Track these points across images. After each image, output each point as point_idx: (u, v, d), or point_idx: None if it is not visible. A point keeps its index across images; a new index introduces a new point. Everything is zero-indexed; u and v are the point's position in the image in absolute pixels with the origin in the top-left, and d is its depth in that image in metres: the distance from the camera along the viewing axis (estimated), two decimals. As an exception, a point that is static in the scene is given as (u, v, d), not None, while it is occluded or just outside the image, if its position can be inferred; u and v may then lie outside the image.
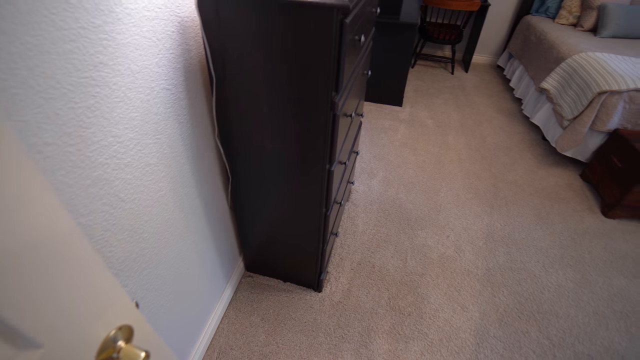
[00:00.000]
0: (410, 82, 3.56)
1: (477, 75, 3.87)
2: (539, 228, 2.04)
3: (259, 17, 0.79)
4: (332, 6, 0.73)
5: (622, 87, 2.12)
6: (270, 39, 0.82)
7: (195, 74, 0.98)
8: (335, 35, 0.78)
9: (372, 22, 1.33)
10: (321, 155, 1.02)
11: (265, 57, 0.86)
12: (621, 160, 2.13)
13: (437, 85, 3.55)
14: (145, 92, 0.78)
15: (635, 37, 3.06)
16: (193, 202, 1.10)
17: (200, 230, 1.18)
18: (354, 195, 2.13)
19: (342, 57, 0.83)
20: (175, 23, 0.84)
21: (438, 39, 3.49)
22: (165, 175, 0.92)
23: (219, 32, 0.85)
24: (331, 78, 0.84)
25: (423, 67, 3.95)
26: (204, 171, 1.13)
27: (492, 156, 2.59)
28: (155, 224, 0.91)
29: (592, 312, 1.65)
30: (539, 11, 3.62)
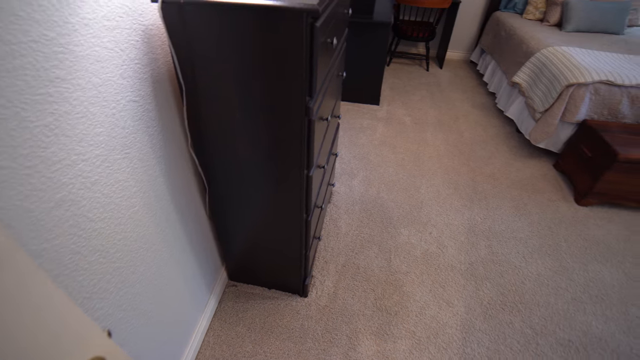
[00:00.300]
0: (386, 80, 3.59)
1: (452, 71, 3.94)
2: (518, 219, 2.09)
3: (226, 23, 0.77)
4: (301, 10, 0.72)
5: (587, 79, 2.19)
6: (239, 45, 0.80)
7: (163, 83, 0.95)
8: (306, 40, 0.77)
9: (344, 24, 1.33)
10: (298, 161, 1.00)
11: (236, 64, 0.84)
12: (590, 150, 2.21)
13: (413, 83, 3.59)
14: (111, 106, 0.75)
15: (596, 31, 3.18)
16: (169, 216, 1.06)
17: (179, 243, 1.15)
18: (335, 197, 2.13)
19: (314, 61, 0.82)
20: (139, 32, 0.81)
21: (412, 37, 3.53)
22: (137, 190, 0.89)
23: (186, 39, 0.82)
24: (304, 83, 0.83)
25: (398, 64, 3.98)
26: (179, 183, 1.10)
27: (470, 151, 2.63)
28: (129, 242, 0.87)
29: (571, 298, 1.69)
30: (507, 7, 3.72)
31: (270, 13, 0.73)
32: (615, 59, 2.48)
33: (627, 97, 2.23)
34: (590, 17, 3.13)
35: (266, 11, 0.73)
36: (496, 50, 3.44)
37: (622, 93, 2.22)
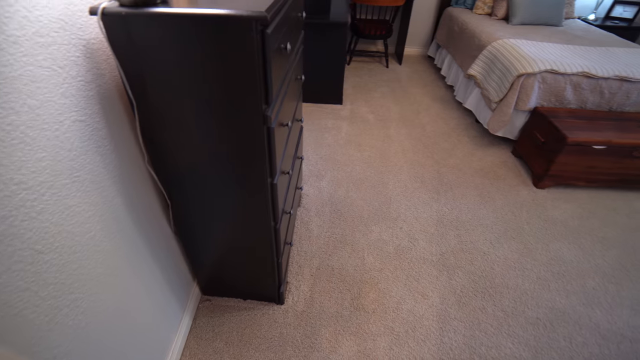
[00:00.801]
0: (348, 79, 3.62)
1: (411, 67, 4.03)
2: (483, 207, 2.17)
3: (174, 35, 0.74)
4: (250, 18, 0.70)
5: (535, 69, 2.31)
6: (189, 57, 0.77)
7: (112, 100, 0.90)
8: (258, 47, 0.75)
9: (299, 27, 1.32)
10: (261, 170, 0.98)
11: (188, 76, 0.81)
12: (543, 135, 2.33)
13: (374, 80, 3.64)
14: (53, 128, 0.70)
15: (538, 23, 3.37)
16: (131, 237, 1.01)
17: (144, 264, 1.10)
18: (304, 200, 2.12)
19: (268, 69, 0.80)
20: (79, 47, 0.76)
21: (370, 35, 3.58)
22: (92, 214, 0.84)
23: (132, 53, 0.78)
24: (259, 91, 0.81)
25: (359, 63, 4.03)
26: (139, 201, 1.05)
27: (433, 143, 2.71)
28: (87, 270, 0.82)
29: (536, 277, 1.78)
30: (458, 3, 3.85)
31: (218, 23, 0.71)
32: (557, 49, 2.64)
33: (570, 84, 2.38)
34: (532, 11, 3.31)
35: (214, 21, 0.71)
36: (451, 45, 3.56)
37: (565, 81, 2.36)
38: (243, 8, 0.72)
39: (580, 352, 1.49)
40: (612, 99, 2.45)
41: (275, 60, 0.88)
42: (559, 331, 1.56)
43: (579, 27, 3.41)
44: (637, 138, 2.17)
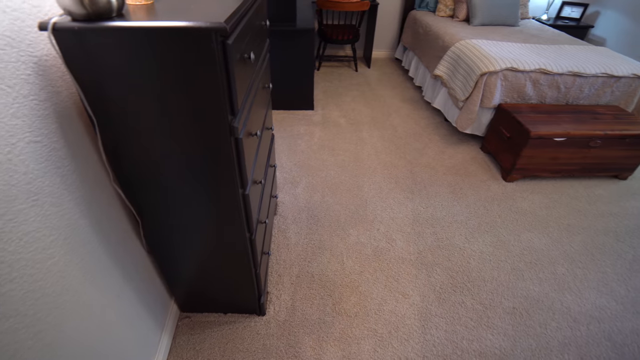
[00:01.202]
0: (318, 84, 3.64)
1: (379, 70, 4.10)
2: (456, 203, 2.22)
3: (132, 49, 0.72)
4: (209, 29, 0.69)
5: (496, 67, 2.40)
6: (150, 70, 0.75)
7: (71, 117, 0.86)
8: (219, 58, 0.74)
9: (263, 36, 1.31)
10: (232, 182, 0.97)
11: (150, 90, 0.78)
12: (508, 131, 2.42)
13: (344, 84, 3.68)
14: (4, 152, 0.66)
15: (497, 23, 3.51)
16: (99, 259, 0.97)
17: (116, 286, 1.05)
18: (280, 208, 2.10)
19: (231, 79, 0.80)
20: (30, 65, 0.73)
21: (337, 40, 3.62)
22: (54, 239, 0.80)
23: (89, 68, 0.75)
24: (224, 103, 0.80)
25: (328, 68, 4.06)
26: (106, 221, 1.01)
27: (405, 144, 2.76)
28: (52, 298, 0.78)
29: (510, 268, 1.84)
30: (421, 6, 3.96)
31: (177, 35, 0.70)
32: (515, 48, 2.76)
33: (530, 80, 2.49)
34: (491, 12, 3.45)
35: (173, 33, 0.70)
36: (416, 47, 3.65)
37: (525, 77, 2.47)
38: (202, 19, 0.71)
39: (554, 337, 1.55)
40: (567, 93, 2.58)
41: (239, 70, 0.87)
42: (535, 318, 1.61)
43: (534, 27, 3.58)
44: (592, 129, 2.29)
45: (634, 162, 2.47)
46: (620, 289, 1.78)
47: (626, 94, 2.64)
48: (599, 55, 2.74)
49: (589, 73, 2.50)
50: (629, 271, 1.88)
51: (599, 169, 2.49)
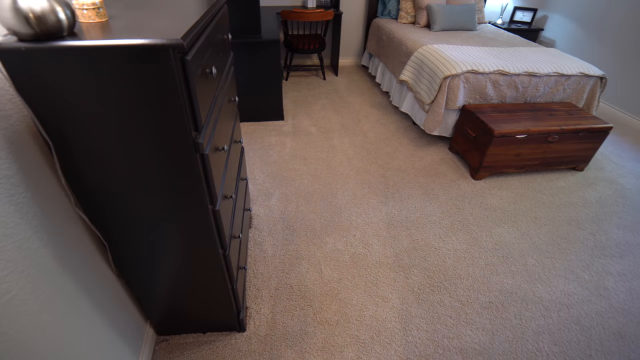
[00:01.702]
0: (287, 94, 3.65)
1: (347, 77, 4.16)
2: (429, 204, 2.27)
3: (87, 69, 0.69)
4: (167, 46, 0.68)
5: (458, 70, 2.50)
6: (107, 90, 0.73)
7: (24, 142, 0.82)
8: (179, 75, 0.73)
9: (226, 49, 1.31)
10: (200, 198, 0.95)
11: (109, 110, 0.76)
12: (473, 130, 2.51)
13: (313, 93, 3.71)
14: (-52, 182, 0.62)
15: (456, 28, 3.66)
16: (63, 288, 0.92)
17: (84, 316, 1.00)
18: (255, 220, 2.08)
19: (193, 96, 0.78)
20: (-26, 89, 0.69)
21: (304, 50, 3.65)
22: (10, 272, 0.75)
23: (41, 89, 0.72)
24: (187, 119, 0.79)
25: (297, 77, 4.09)
26: (70, 248, 0.96)
27: (376, 149, 2.80)
28: (10, 336, 0.73)
29: (484, 264, 1.89)
30: (384, 14, 4.07)
31: (134, 53, 0.68)
32: (474, 51, 2.88)
33: (490, 82, 2.60)
34: (450, 18, 3.59)
35: (129, 51, 0.68)
36: (382, 53, 3.74)
37: (485, 79, 2.58)
38: (160, 36, 0.70)
39: (529, 326, 1.60)
40: (525, 92, 2.71)
41: (201, 85, 0.86)
42: (510, 310, 1.66)
43: (490, 31, 3.76)
44: (549, 125, 2.41)
45: (588, 154, 2.62)
46: (584, 275, 1.87)
47: (576, 91, 2.81)
48: (550, 56, 2.91)
49: (543, 73, 2.64)
50: (590, 257, 1.98)
51: (559, 162, 2.62)
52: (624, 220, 2.26)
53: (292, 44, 3.66)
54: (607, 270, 1.91)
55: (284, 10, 3.32)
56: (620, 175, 2.70)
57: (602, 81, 2.80)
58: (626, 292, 1.79)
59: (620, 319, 1.66)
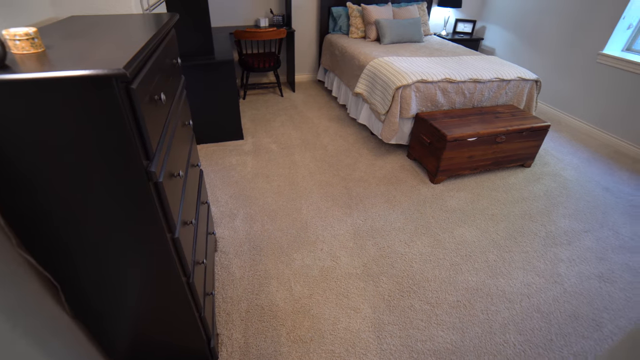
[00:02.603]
0: (245, 113, 3.64)
1: (304, 92, 4.23)
2: (392, 211, 2.33)
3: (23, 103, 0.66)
4: (109, 76, 0.67)
5: (409, 80, 2.62)
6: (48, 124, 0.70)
7: (-46, 184, 0.76)
8: (125, 105, 0.72)
9: (176, 73, 1.29)
10: (157, 227, 0.92)
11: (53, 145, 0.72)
12: (428, 137, 2.62)
13: (272, 110, 3.72)
14: None
15: (405, 41, 3.85)
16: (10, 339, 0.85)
17: (32, 366, 0.92)
18: (221, 243, 2.03)
19: (141, 124, 0.77)
20: None
21: (259, 68, 3.67)
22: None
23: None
24: (136, 148, 0.77)
25: (254, 96, 4.09)
26: (16, 295, 0.89)
27: (337, 161, 2.85)
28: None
29: (449, 264, 1.96)
30: (335, 30, 4.20)
31: (75, 84, 0.66)
32: (423, 62, 3.03)
33: (439, 89, 2.74)
34: (397, 32, 3.76)
35: (69, 83, 0.66)
36: (336, 68, 3.84)
37: (434, 87, 2.72)
38: (102, 66, 0.68)
39: (495, 320, 1.67)
40: (472, 98, 2.89)
41: (150, 112, 0.85)
42: (477, 307, 1.73)
43: (436, 42, 3.98)
44: (496, 127, 2.57)
45: (533, 151, 2.82)
46: (539, 264, 1.98)
47: (516, 94, 3.03)
48: (491, 63, 3.12)
49: (486, 79, 2.83)
50: (543, 247, 2.11)
51: (508, 160, 2.79)
52: (569, 209, 2.44)
53: (247, 63, 3.67)
54: (558, 258, 2.04)
55: (236, 31, 3.34)
56: (562, 169, 2.92)
57: (537, 84, 3.04)
58: (576, 276, 1.92)
59: (573, 302, 1.78)
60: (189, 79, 2.71)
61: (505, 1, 4.39)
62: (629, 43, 3.29)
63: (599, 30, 3.33)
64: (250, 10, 4.02)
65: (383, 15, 3.89)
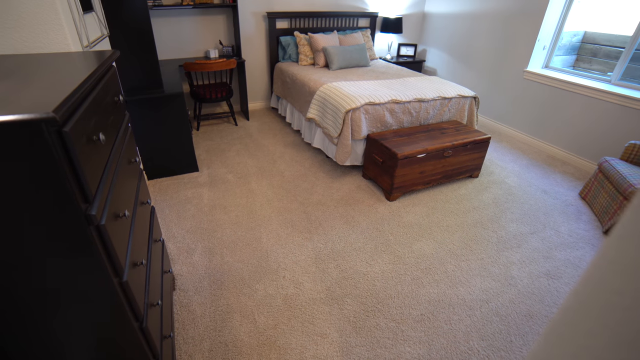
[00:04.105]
0: (199, 144, 3.58)
1: (259, 120, 4.25)
2: (352, 232, 2.36)
3: None
4: (38, 121, 0.64)
5: (358, 104, 2.73)
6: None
7: None
8: (57, 149, 0.69)
9: (119, 110, 1.26)
10: (102, 273, 0.87)
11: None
12: (380, 156, 2.72)
13: (227, 140, 3.70)
14: None
15: (352, 66, 4.03)
16: None
17: None
18: (179, 281, 1.94)
19: (77, 167, 0.74)
20: None
21: (212, 99, 3.66)
22: None
23: None
24: (73, 192, 0.73)
25: (208, 126, 4.05)
26: None
27: (294, 187, 2.86)
28: None
29: (410, 279, 2.00)
30: (285, 58, 4.31)
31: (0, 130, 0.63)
32: (370, 85, 3.18)
33: (387, 110, 2.88)
34: (345, 58, 3.94)
35: (-11, 130, 0.63)
36: (288, 95, 3.92)
37: (382, 109, 2.85)
38: (30, 110, 0.65)
39: (459, 329, 1.71)
40: (419, 116, 3.05)
41: (88, 154, 0.82)
42: (440, 318, 1.77)
43: (382, 65, 4.20)
44: (443, 142, 2.73)
45: (478, 162, 3.01)
46: (494, 269, 2.09)
47: (459, 110, 3.25)
48: (433, 83, 3.34)
49: (429, 98, 3.02)
50: (496, 252, 2.23)
51: (457, 173, 2.95)
52: (515, 214, 2.61)
53: (199, 94, 3.65)
54: (510, 261, 2.15)
55: (186, 63, 3.33)
56: (506, 176, 3.13)
57: (476, 100, 3.28)
58: (527, 277, 2.04)
59: (527, 302, 1.88)
60: (138, 113, 2.64)
61: (441, 26, 4.76)
62: (546, 61, 3.69)
63: (522, 50, 3.70)
64: (199, 42, 4.04)
65: (330, 42, 4.06)
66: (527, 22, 3.59)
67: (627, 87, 3.05)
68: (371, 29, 4.75)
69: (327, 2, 4.42)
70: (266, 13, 4.13)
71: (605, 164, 2.61)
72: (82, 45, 1.75)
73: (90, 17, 2.01)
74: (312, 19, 4.36)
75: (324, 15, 4.37)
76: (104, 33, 2.29)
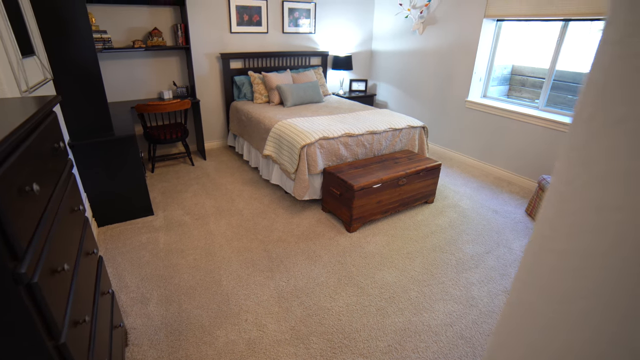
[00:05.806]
0: (154, 186, 3.46)
1: (216, 159, 4.20)
2: (314, 267, 2.34)
3: None
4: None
5: (312, 139, 2.79)
6: None
7: None
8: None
9: (59, 158, 1.20)
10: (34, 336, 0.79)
11: None
12: (337, 189, 2.77)
13: (183, 181, 3.61)
14: None
15: (306, 102, 4.16)
16: None
17: None
18: (132, 335, 1.80)
19: (4, 222, 0.69)
20: None
21: (166, 140, 3.59)
22: None
23: None
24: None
25: (164, 168, 3.94)
26: None
27: (254, 225, 2.81)
28: None
29: (375, 310, 1.99)
30: (240, 97, 4.36)
31: None
32: (324, 120, 3.28)
33: (341, 144, 2.97)
34: (298, 95, 4.07)
35: None
36: (244, 133, 3.94)
37: (336, 142, 2.94)
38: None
39: (426, 356, 1.71)
40: (372, 148, 3.17)
41: (18, 206, 0.77)
42: (407, 347, 1.76)
43: (335, 101, 4.37)
44: (397, 171, 2.84)
45: (432, 188, 3.14)
46: (455, 292, 2.13)
47: (409, 140, 3.42)
48: (384, 115, 3.51)
49: (381, 130, 3.16)
50: (456, 274, 2.29)
51: (413, 200, 3.05)
52: (470, 235, 2.72)
53: (153, 136, 3.57)
54: (470, 282, 2.22)
55: (138, 105, 3.27)
56: (459, 200, 3.29)
57: (425, 129, 3.48)
58: (487, 296, 2.10)
59: (489, 321, 1.92)
60: (87, 158, 2.52)
61: (388, 62, 5.09)
62: (484, 91, 4.05)
63: (462, 81, 4.04)
64: (152, 84, 4.00)
65: (283, 80, 4.19)
66: (464, 57, 3.94)
67: (551, 112, 3.40)
68: (323, 66, 4.97)
69: (279, 43, 4.60)
70: (220, 54, 4.21)
71: (543, 181, 2.84)
72: (21, 90, 1.67)
73: (31, 61, 1.94)
74: (265, 59, 4.49)
75: (277, 55, 4.53)
76: (47, 77, 2.22)
